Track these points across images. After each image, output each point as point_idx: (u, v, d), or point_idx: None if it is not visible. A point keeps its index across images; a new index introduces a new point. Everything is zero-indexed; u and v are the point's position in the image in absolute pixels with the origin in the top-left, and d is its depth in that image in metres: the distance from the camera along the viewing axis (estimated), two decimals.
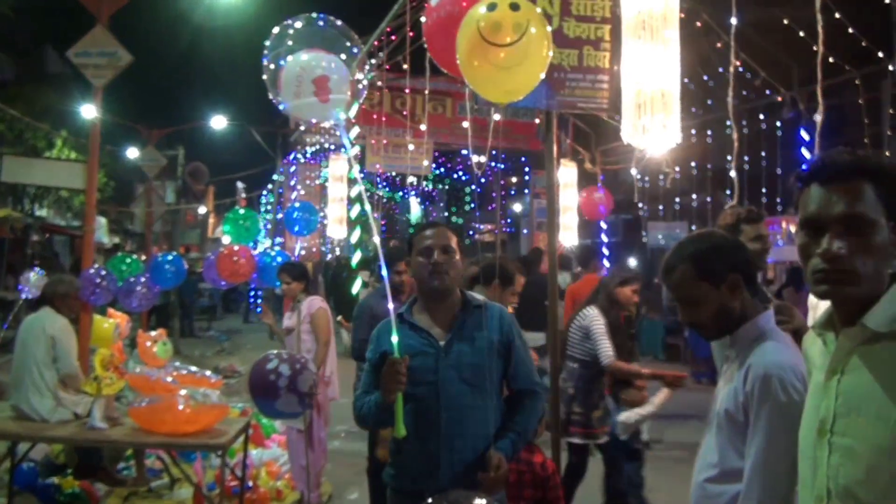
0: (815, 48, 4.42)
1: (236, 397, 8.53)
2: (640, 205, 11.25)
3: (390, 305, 2.63)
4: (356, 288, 8.80)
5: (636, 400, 4.60)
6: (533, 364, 2.79)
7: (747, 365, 1.91)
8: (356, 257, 9.24)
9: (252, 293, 21.21)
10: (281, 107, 3.02)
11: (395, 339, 2.50)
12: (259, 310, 20.81)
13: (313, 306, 5.40)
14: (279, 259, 6.86)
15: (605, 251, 12.12)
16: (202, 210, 28.33)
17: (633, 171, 7.39)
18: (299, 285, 5.40)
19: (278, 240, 15.75)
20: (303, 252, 11.15)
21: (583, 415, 4.71)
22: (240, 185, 28.25)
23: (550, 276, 4.42)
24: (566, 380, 4.75)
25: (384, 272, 2.70)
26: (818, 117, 4.77)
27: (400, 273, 4.91)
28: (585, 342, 4.76)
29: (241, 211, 7.51)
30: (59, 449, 5.74)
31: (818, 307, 3.81)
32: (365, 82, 3.40)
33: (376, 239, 2.81)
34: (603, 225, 12.12)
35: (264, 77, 2.99)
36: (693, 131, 10.11)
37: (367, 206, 2.77)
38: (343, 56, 2.99)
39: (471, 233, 21.43)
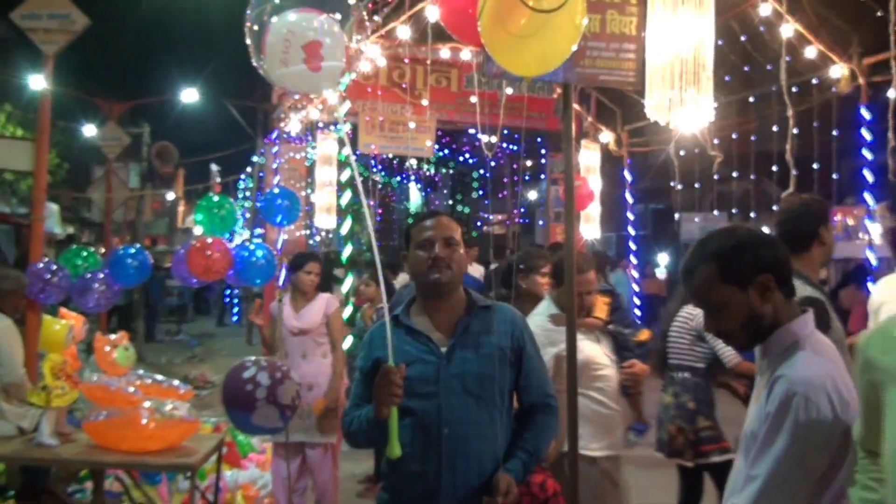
0: (879, 13, 4.40)
1: (209, 411, 8.57)
2: (675, 187, 11.25)
3: (385, 308, 2.65)
4: (346, 287, 8.80)
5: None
6: (547, 375, 2.84)
7: (774, 378, 1.91)
8: (346, 251, 9.23)
9: (227, 292, 21.29)
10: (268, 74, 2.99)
11: (390, 345, 2.52)
12: (236, 314, 20.95)
13: (332, 305, 5.52)
14: (259, 253, 6.88)
15: (633, 245, 12.13)
16: (170, 196, 28.37)
17: (670, 152, 7.39)
18: (318, 279, 5.56)
19: (258, 231, 15.78)
20: (285, 238, 11.17)
21: (712, 428, 4.73)
22: (214, 167, 28.27)
23: (567, 276, 4.44)
24: (679, 393, 4.80)
25: (379, 270, 2.70)
26: (893, 93, 4.73)
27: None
28: (696, 345, 4.83)
29: (216, 198, 7.50)
30: (1, 468, 5.76)
31: (880, 310, 3.82)
32: (365, 47, 3.38)
33: (370, 230, 2.82)
34: (630, 216, 12.12)
35: (247, 41, 2.98)
36: (719, 108, 10.08)
37: (361, 189, 2.76)
38: (337, 16, 2.97)
39: (479, 224, 21.43)
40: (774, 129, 8.88)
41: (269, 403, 3.69)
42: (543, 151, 14.53)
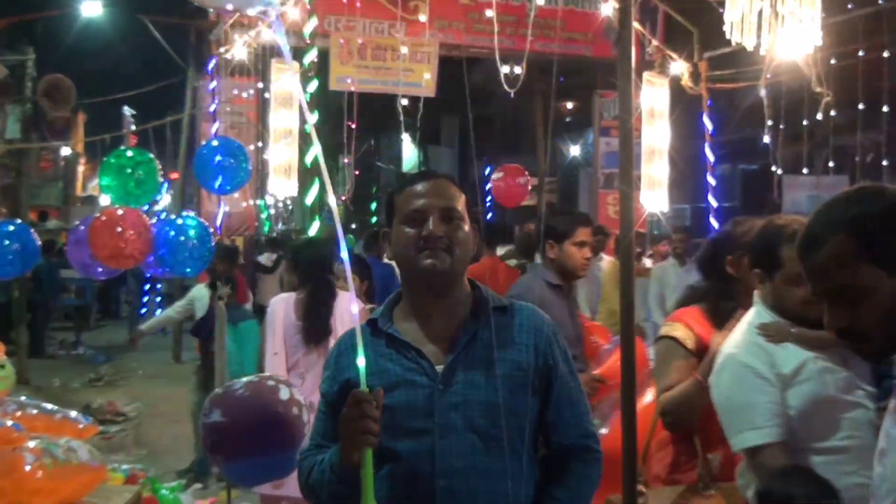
0: None
1: (120, 454, 8.57)
2: (767, 140, 11.20)
3: (355, 309, 2.68)
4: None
5: None
6: (586, 403, 2.86)
7: None
8: (314, 228, 9.21)
9: (146, 287, 21.21)
10: None
11: (361, 360, 2.51)
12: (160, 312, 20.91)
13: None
14: (191, 232, 6.88)
15: (714, 222, 12.09)
16: (65, 152, 28.39)
17: (762, 93, 7.35)
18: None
19: (190, 198, 15.78)
20: (227, 210, 11.16)
21: None
22: (128, 111, 28.28)
23: (624, 260, 4.45)
24: None
25: (344, 257, 2.72)
26: None
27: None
28: None
29: (130, 154, 7.50)
30: None
31: None
32: None
33: (332, 201, 2.81)
34: (711, 181, 12.08)
35: None
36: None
37: (316, 144, 2.74)
38: None
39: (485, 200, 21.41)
40: None
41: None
42: (589, 89, 14.47)
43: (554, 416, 2.73)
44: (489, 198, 22.07)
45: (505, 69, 9.53)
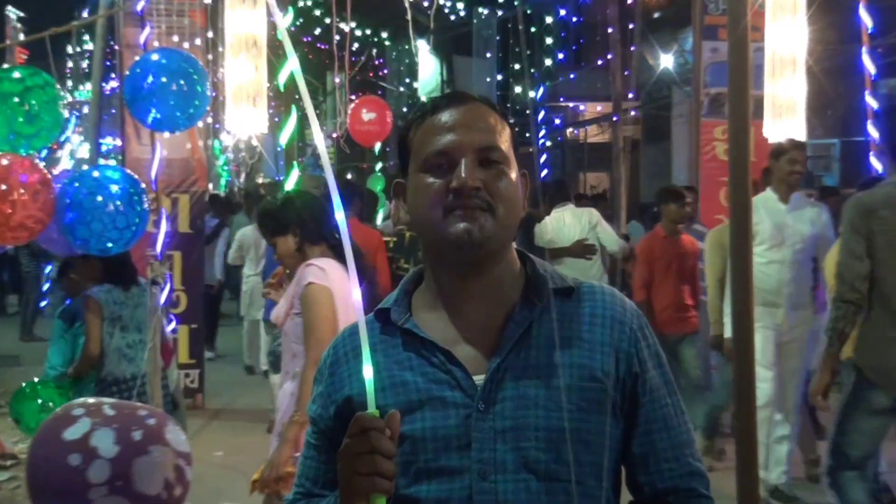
0: None
1: None
2: None
3: (356, 293, 2.56)
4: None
5: None
6: (689, 428, 2.86)
7: None
8: (291, 181, 9.24)
9: (48, 270, 21.39)
10: None
11: (368, 371, 2.49)
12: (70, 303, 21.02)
13: (305, 277, 6.24)
14: (114, 188, 6.91)
15: (876, 163, 12.00)
16: None
17: None
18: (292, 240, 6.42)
19: (109, 142, 15.92)
20: (166, 155, 11.22)
21: None
22: (13, 14, 28.39)
23: (737, 220, 4.46)
24: None
25: (342, 220, 2.58)
26: None
27: None
28: None
29: (17, 74, 7.53)
30: None
31: None
32: None
33: (319, 143, 2.76)
34: (872, 103, 11.98)
35: None
36: None
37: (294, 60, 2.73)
38: None
39: (556, 120, 21.36)
40: None
41: (114, 493, 3.74)
42: None
43: (643, 448, 2.73)
44: (543, 132, 22.08)
45: None
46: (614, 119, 17.96)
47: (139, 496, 3.83)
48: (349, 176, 25.72)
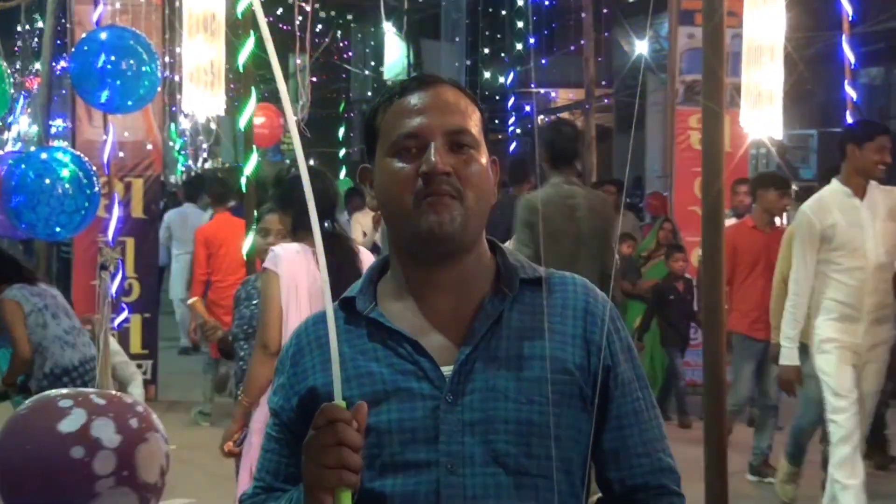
0: None
1: None
2: None
3: (324, 279, 2.57)
4: (247, 244, 8.87)
5: None
6: (660, 423, 2.89)
7: None
8: (250, 167, 9.22)
9: None
10: None
11: (335, 358, 2.49)
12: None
13: (265, 261, 6.59)
14: (64, 172, 6.85)
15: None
16: None
17: None
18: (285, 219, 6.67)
19: (59, 124, 15.85)
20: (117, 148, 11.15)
21: None
22: None
23: (709, 211, 4.45)
24: None
25: (312, 211, 2.59)
26: None
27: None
28: None
29: None
30: None
31: None
32: None
33: (291, 121, 2.77)
34: (851, 93, 12.01)
35: None
36: None
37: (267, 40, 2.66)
38: None
39: (526, 107, 21.43)
40: None
41: (120, 485, 3.83)
42: None
43: (614, 443, 2.76)
44: (512, 119, 22.10)
45: None
46: (586, 106, 18.07)
47: (141, 485, 3.90)
48: (311, 162, 25.82)
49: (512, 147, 21.96)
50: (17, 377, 7.94)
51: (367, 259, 6.58)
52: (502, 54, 23.52)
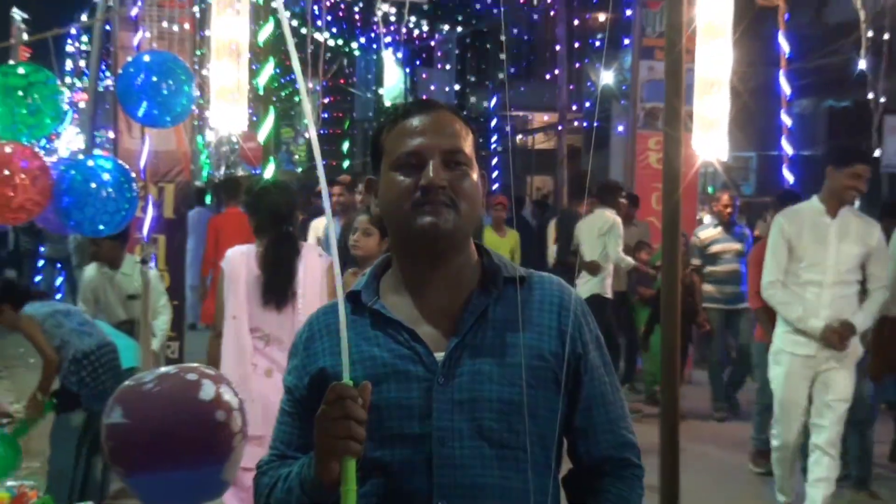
0: None
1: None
2: (863, 67, 11.21)
3: (338, 276, 2.60)
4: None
5: None
6: (624, 405, 2.92)
7: None
8: (269, 172, 9.23)
9: (41, 249, 21.16)
10: None
11: (345, 343, 2.52)
12: (61, 289, 20.82)
13: (225, 260, 6.74)
14: (105, 176, 6.89)
15: (789, 175, 12.09)
16: None
17: (857, 3, 7.37)
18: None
19: (103, 134, 15.73)
20: (153, 156, 11.18)
21: None
22: (18, 16, 28.17)
23: (667, 222, 4.50)
24: None
25: (326, 206, 2.66)
26: None
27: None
28: None
29: (22, 70, 7.50)
30: None
31: None
32: None
33: (313, 133, 2.78)
34: (787, 120, 12.08)
35: None
36: None
37: (296, 62, 2.74)
38: None
39: (507, 128, 21.34)
40: None
41: (243, 440, 3.88)
42: None
43: (584, 422, 2.79)
44: (495, 138, 22.01)
45: None
46: (558, 128, 18.09)
47: (250, 437, 4.05)
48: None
49: (494, 162, 21.93)
50: (51, 382, 7.94)
51: (310, 258, 6.76)
52: (486, 81, 23.40)
